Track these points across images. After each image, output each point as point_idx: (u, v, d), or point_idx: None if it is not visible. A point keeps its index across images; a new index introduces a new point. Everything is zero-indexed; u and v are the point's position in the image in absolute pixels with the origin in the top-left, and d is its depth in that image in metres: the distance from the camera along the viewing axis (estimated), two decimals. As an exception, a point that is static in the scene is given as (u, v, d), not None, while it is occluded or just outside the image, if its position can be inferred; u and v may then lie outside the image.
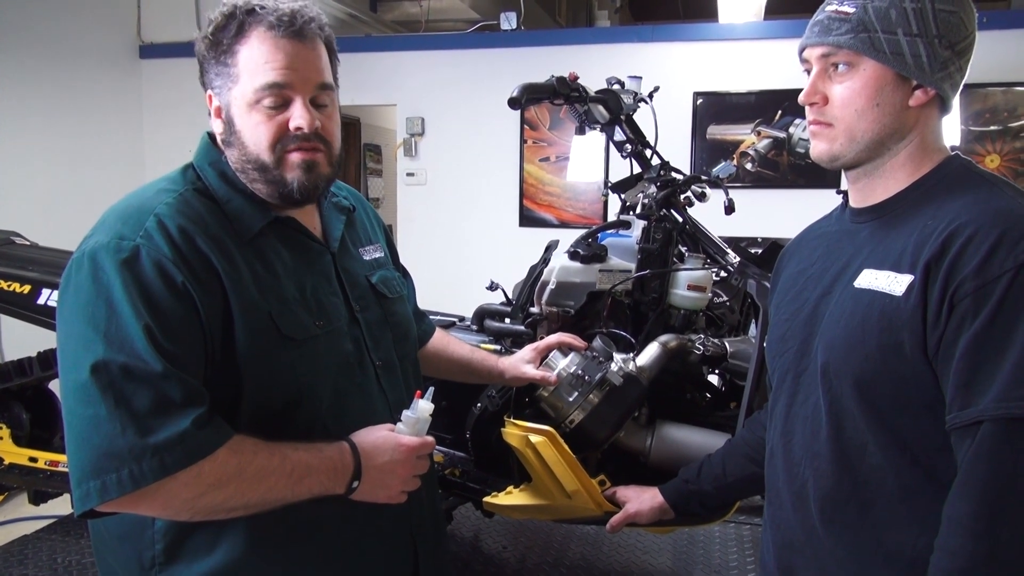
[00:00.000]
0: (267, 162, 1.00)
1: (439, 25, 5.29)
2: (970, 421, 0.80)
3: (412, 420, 1.04)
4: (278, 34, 0.97)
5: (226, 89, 1.00)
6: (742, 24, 4.12)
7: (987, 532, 0.78)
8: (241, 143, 1.00)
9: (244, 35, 0.98)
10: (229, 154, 1.02)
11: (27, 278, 1.99)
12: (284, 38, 0.97)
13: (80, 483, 0.86)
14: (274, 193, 1.02)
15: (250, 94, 0.98)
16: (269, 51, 0.97)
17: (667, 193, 1.74)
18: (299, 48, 0.99)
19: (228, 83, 0.99)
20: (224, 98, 1.00)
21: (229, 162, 1.03)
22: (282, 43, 0.97)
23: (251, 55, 0.97)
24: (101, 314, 0.89)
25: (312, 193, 1.03)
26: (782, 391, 1.03)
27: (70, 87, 4.04)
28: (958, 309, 0.81)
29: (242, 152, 1.01)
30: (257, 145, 0.99)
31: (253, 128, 0.99)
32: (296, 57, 0.98)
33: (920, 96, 0.91)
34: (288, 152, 1.00)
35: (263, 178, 1.01)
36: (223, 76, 0.99)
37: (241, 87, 0.98)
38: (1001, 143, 3.71)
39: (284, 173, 1.00)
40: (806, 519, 0.97)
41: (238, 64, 0.98)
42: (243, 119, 0.99)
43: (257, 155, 1.00)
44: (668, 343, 1.60)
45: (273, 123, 0.99)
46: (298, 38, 0.98)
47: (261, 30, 0.97)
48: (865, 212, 0.98)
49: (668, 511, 1.41)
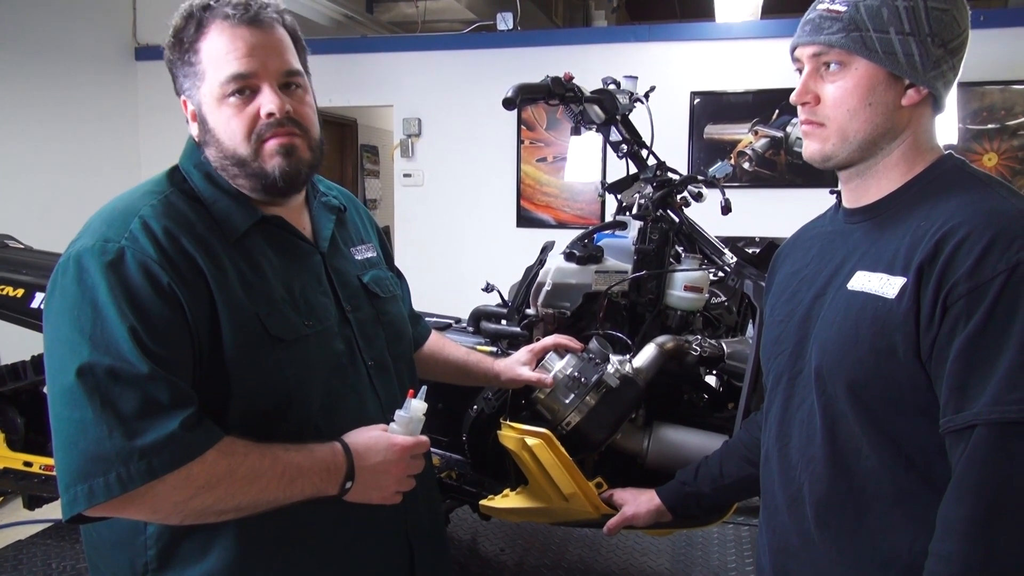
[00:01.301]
0: (244, 155, 0.99)
1: (435, 26, 5.28)
2: (964, 425, 0.79)
3: (405, 419, 1.03)
4: (235, 23, 0.96)
5: (195, 89, 0.99)
6: (739, 23, 4.11)
7: (982, 536, 0.77)
8: (216, 140, 0.99)
9: (203, 31, 0.97)
10: (208, 154, 1.02)
11: (21, 282, 1.99)
12: (242, 26, 0.96)
13: (68, 488, 0.86)
14: (257, 186, 1.01)
15: (216, 88, 0.97)
16: (228, 41, 0.96)
17: (663, 193, 1.74)
18: (258, 35, 0.97)
19: (196, 83, 0.99)
20: (195, 98, 1.00)
21: (213, 162, 1.02)
22: (240, 32, 0.96)
23: (212, 49, 0.96)
24: (87, 317, 0.88)
25: (295, 180, 1.01)
26: (777, 394, 1.02)
27: (65, 89, 4.03)
28: (951, 311, 0.80)
29: (219, 149, 1.00)
30: (232, 139, 0.98)
31: (225, 123, 0.98)
32: (256, 45, 0.97)
33: (913, 95, 0.90)
34: (264, 141, 0.99)
35: (244, 172, 1.00)
36: (191, 77, 0.99)
37: (208, 84, 0.97)
38: (999, 141, 3.71)
39: (263, 163, 0.99)
40: (801, 523, 0.97)
41: (201, 61, 0.97)
42: (214, 115, 0.98)
43: (234, 149, 0.99)
44: (665, 344, 1.59)
45: (244, 115, 0.97)
46: (255, 25, 0.97)
47: (218, 21, 0.96)
48: (858, 212, 0.97)
49: (665, 513, 1.40)
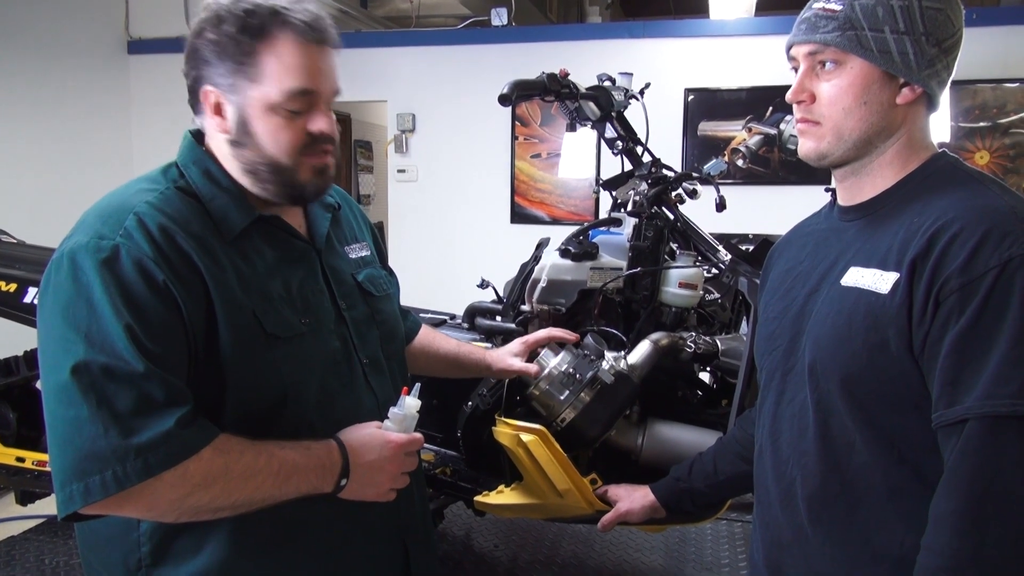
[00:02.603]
0: (285, 165, 1.00)
1: (429, 21, 5.27)
2: (956, 419, 0.80)
3: (400, 417, 1.04)
4: (307, 39, 0.98)
5: (240, 89, 0.98)
6: (733, 20, 4.12)
7: (973, 530, 0.78)
8: (257, 144, 1.00)
9: (268, 36, 0.97)
10: (238, 154, 1.01)
11: (13, 276, 1.97)
12: (311, 44, 0.98)
13: (63, 486, 0.85)
14: (283, 193, 1.02)
15: (275, 97, 0.97)
16: (299, 56, 0.97)
17: (658, 190, 1.74)
18: (323, 54, 1.00)
19: (244, 82, 0.97)
20: (236, 97, 0.98)
21: (233, 160, 1.02)
22: (310, 49, 0.98)
23: (279, 58, 0.97)
24: (81, 315, 0.88)
25: (321, 194, 1.07)
26: (770, 389, 1.03)
27: (56, 83, 4.01)
28: (943, 307, 0.81)
29: (257, 153, 1.00)
30: (277, 148, 0.99)
31: (274, 131, 0.99)
32: (321, 64, 0.99)
33: (907, 94, 0.91)
34: (306, 157, 1.01)
35: (276, 179, 1.01)
36: (238, 75, 0.97)
37: (263, 90, 0.97)
38: (990, 139, 3.73)
39: (299, 177, 1.01)
40: (794, 518, 0.97)
41: (259, 65, 0.97)
42: (263, 121, 0.99)
43: (276, 157, 1.00)
44: (659, 341, 1.60)
45: (295, 127, 0.99)
46: (322, 44, 0.99)
47: (289, 34, 0.97)
48: (852, 210, 0.98)
49: (659, 509, 1.41)
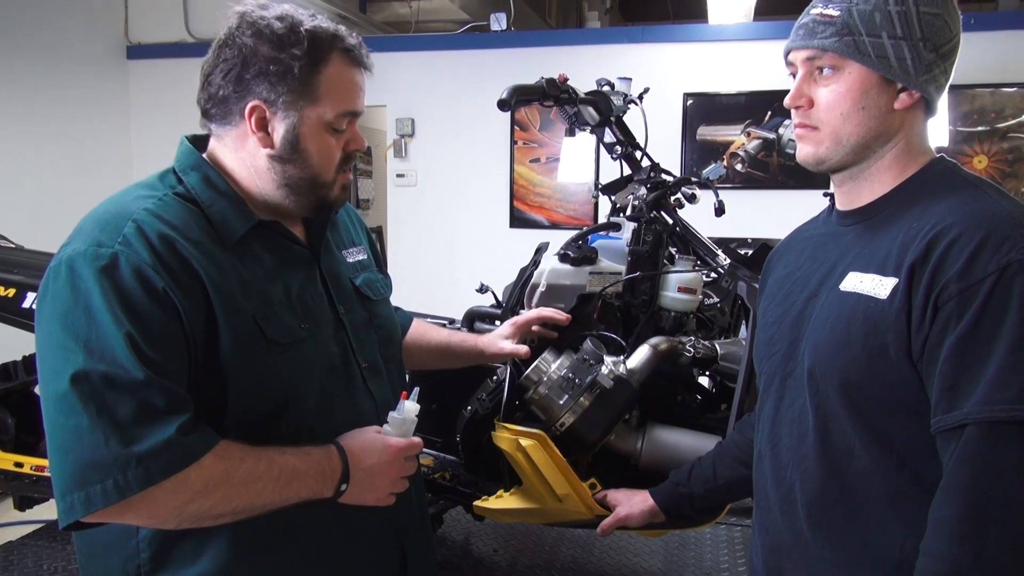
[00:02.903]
0: (327, 181, 1.05)
1: (429, 26, 5.28)
2: (955, 424, 0.80)
3: (399, 421, 1.04)
4: (355, 63, 1.03)
5: (295, 106, 0.99)
6: (732, 25, 4.13)
7: (972, 535, 0.78)
8: (305, 161, 1.02)
9: (327, 58, 1.00)
10: (281, 169, 1.02)
11: (12, 281, 1.97)
12: (357, 67, 1.04)
13: (64, 495, 0.85)
14: (314, 207, 1.06)
15: (330, 117, 1.01)
16: (351, 78, 1.03)
17: (657, 195, 1.74)
18: (362, 77, 1.06)
19: (300, 100, 0.99)
20: (291, 116, 0.99)
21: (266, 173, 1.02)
22: (357, 73, 1.04)
23: (335, 81, 1.01)
24: (81, 323, 0.88)
25: (341, 207, 1.15)
26: (769, 394, 1.03)
27: (55, 88, 4.01)
28: (942, 312, 0.81)
29: (303, 169, 1.02)
30: (324, 164, 1.03)
31: (327, 150, 1.03)
32: (363, 86, 1.06)
33: (905, 99, 0.91)
34: (340, 174, 1.06)
35: (313, 194, 1.05)
36: (295, 93, 0.98)
37: (319, 108, 1.00)
38: (989, 144, 3.73)
39: (332, 192, 1.06)
40: (794, 523, 0.97)
41: (320, 86, 0.99)
42: (315, 139, 1.01)
43: (321, 174, 1.04)
44: (658, 345, 1.60)
45: (338, 146, 1.05)
46: (364, 68, 1.05)
47: (344, 58, 1.02)
48: (851, 215, 0.98)
49: (659, 514, 1.40)
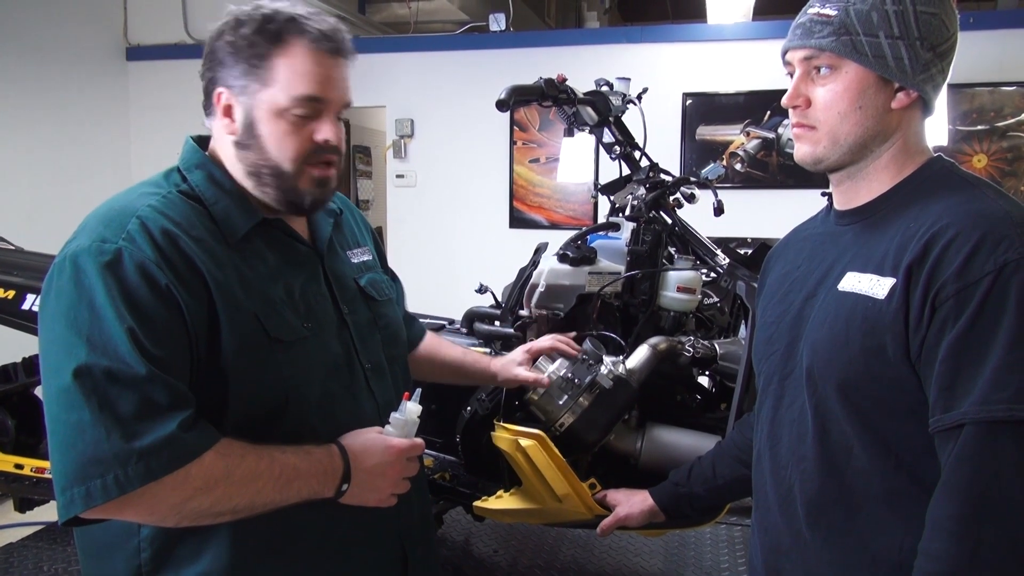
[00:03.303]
0: (287, 171, 1.01)
1: (428, 26, 5.28)
2: (952, 424, 0.80)
3: (401, 422, 1.04)
4: (320, 48, 0.99)
5: (251, 91, 0.99)
6: (731, 25, 4.13)
7: (969, 535, 0.78)
8: (261, 147, 1.00)
9: (283, 42, 0.98)
10: (243, 156, 1.02)
11: (11, 283, 1.97)
12: (325, 53, 0.99)
13: (64, 490, 0.85)
14: (282, 199, 1.03)
15: (283, 102, 0.98)
16: (311, 64, 0.98)
17: (656, 195, 1.75)
18: (336, 64, 1.01)
19: (255, 85, 0.98)
20: (246, 100, 0.99)
21: (238, 163, 1.02)
22: (323, 58, 0.99)
23: (291, 64, 0.98)
24: (84, 318, 0.88)
25: (321, 206, 1.06)
26: (768, 394, 1.03)
27: (55, 89, 4.00)
28: (940, 312, 0.81)
29: (260, 156, 1.01)
30: (280, 153, 1.00)
31: (280, 136, 1.00)
32: (332, 73, 1.00)
33: (902, 98, 0.91)
34: (309, 166, 1.01)
35: (276, 184, 1.01)
36: (249, 77, 0.98)
37: (272, 93, 0.98)
38: (988, 143, 3.74)
39: (299, 185, 1.02)
40: (793, 522, 0.97)
41: (272, 69, 0.98)
42: (269, 125, 0.99)
43: (278, 163, 1.00)
44: (658, 345, 1.60)
45: (300, 135, 1.00)
46: (336, 55, 1.01)
47: (304, 41, 0.98)
48: (849, 214, 0.98)
49: (658, 514, 1.40)
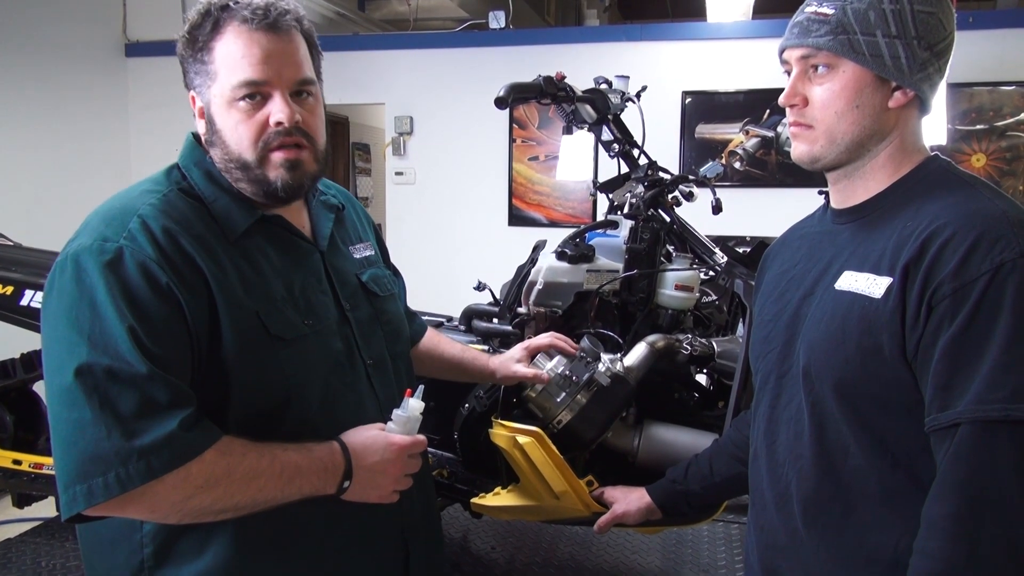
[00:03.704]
0: (249, 160, 0.99)
1: (427, 24, 5.28)
2: (948, 423, 0.80)
3: (403, 419, 1.04)
4: (252, 27, 0.96)
5: (205, 88, 0.99)
6: (730, 23, 4.13)
7: (965, 534, 0.78)
8: (222, 142, 1.00)
9: (219, 31, 0.97)
10: (213, 153, 1.02)
11: (10, 279, 1.97)
12: (259, 31, 0.96)
13: (67, 487, 0.86)
14: (258, 191, 1.02)
15: (228, 91, 0.97)
16: (244, 46, 0.95)
17: (655, 193, 1.75)
18: (275, 41, 0.97)
19: (207, 81, 0.99)
20: (204, 97, 1.00)
21: (214, 162, 1.03)
22: (257, 36, 0.96)
23: (227, 51, 0.96)
24: (85, 317, 0.88)
25: (298, 191, 1.03)
26: (765, 392, 1.03)
27: (53, 86, 4.00)
28: (936, 311, 0.81)
29: (224, 151, 1.00)
30: (238, 144, 0.99)
31: (233, 126, 0.98)
32: (272, 51, 0.96)
33: (899, 97, 0.91)
34: (271, 151, 0.99)
35: (246, 177, 1.00)
36: (202, 75, 0.99)
37: (219, 84, 0.97)
38: (987, 142, 3.74)
39: (267, 172, 0.99)
40: (789, 521, 0.97)
41: (215, 61, 0.97)
42: (223, 117, 0.99)
43: (239, 154, 0.99)
44: (656, 343, 1.60)
45: (253, 121, 0.98)
46: (273, 31, 0.97)
47: (235, 24, 0.96)
48: (846, 213, 0.98)
49: (656, 511, 1.41)
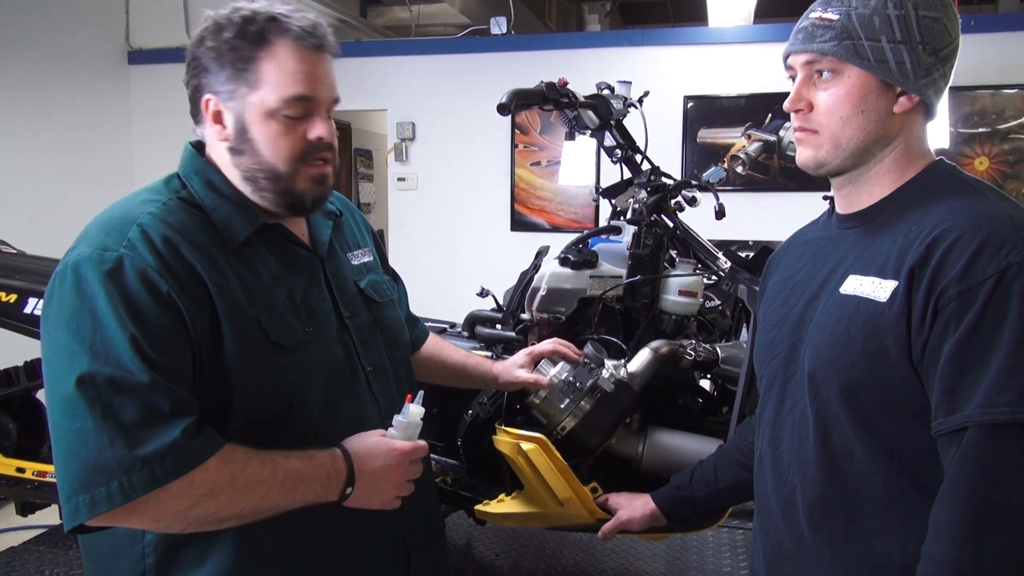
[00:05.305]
0: (283, 172, 1.01)
1: (429, 30, 5.29)
2: (955, 427, 0.80)
3: (403, 424, 1.04)
4: (304, 45, 0.98)
5: (239, 95, 0.99)
6: (732, 28, 4.13)
7: (973, 538, 0.78)
8: (255, 151, 1.00)
9: (266, 43, 0.97)
10: (237, 161, 1.02)
11: (13, 287, 1.97)
12: (309, 50, 0.99)
13: (69, 498, 0.86)
14: (281, 202, 1.03)
15: (273, 103, 0.98)
16: (298, 62, 0.98)
17: (658, 198, 1.75)
18: (321, 61, 1.00)
19: (243, 89, 0.98)
20: (235, 105, 0.99)
21: (233, 168, 1.02)
22: (308, 55, 0.99)
23: (277, 64, 0.97)
24: (86, 326, 0.88)
25: (321, 204, 1.07)
26: (770, 397, 1.03)
27: (56, 93, 4.01)
28: (942, 315, 0.81)
29: (255, 160, 1.01)
30: (275, 155, 1.00)
31: (273, 138, 0.99)
32: (320, 70, 1.00)
33: (904, 103, 0.91)
34: (305, 165, 1.01)
35: (274, 187, 1.01)
36: (236, 81, 0.98)
37: (262, 95, 0.98)
38: (990, 145, 3.74)
39: (298, 185, 1.02)
40: (795, 527, 0.97)
41: (259, 71, 0.97)
42: (261, 127, 0.99)
43: (274, 164, 1.00)
44: (659, 349, 1.60)
45: (294, 135, 1.00)
46: (321, 51, 1.01)
47: (288, 40, 0.98)
48: (851, 218, 0.98)
49: (660, 518, 1.40)
